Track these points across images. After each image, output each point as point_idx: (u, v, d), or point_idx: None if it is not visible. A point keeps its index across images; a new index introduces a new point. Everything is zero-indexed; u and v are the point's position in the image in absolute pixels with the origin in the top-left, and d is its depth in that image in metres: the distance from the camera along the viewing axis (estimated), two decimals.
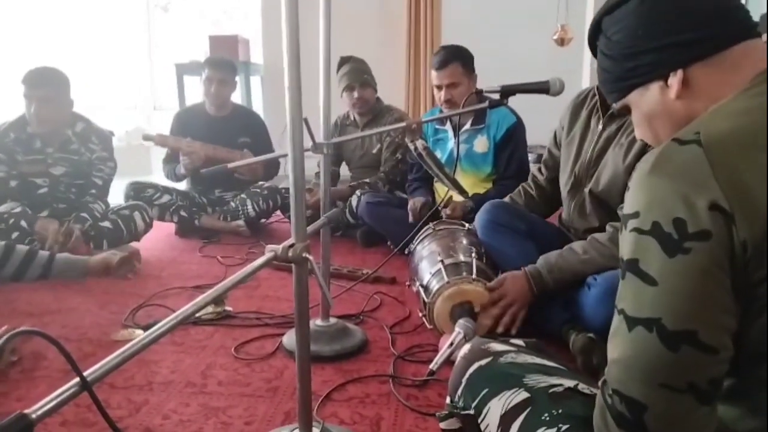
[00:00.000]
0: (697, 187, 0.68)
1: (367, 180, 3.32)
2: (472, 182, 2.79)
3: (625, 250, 0.74)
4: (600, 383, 0.78)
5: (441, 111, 2.80)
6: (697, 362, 0.69)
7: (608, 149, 1.84)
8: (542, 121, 3.01)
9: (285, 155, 1.22)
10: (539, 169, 2.22)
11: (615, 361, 0.74)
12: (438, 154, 2.82)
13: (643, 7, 0.83)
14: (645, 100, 0.86)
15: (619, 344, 0.74)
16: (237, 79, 3.57)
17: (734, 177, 0.68)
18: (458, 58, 2.70)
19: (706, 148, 0.70)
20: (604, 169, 1.85)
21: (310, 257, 1.12)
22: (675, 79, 0.81)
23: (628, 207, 0.75)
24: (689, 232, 0.68)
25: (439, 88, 2.72)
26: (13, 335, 0.66)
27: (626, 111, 0.92)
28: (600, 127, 1.88)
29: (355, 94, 3.27)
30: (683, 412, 0.70)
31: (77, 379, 0.75)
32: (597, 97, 1.90)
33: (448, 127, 2.89)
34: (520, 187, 2.27)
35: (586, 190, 1.91)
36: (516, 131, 2.76)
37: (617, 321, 0.75)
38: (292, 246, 1.12)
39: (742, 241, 0.67)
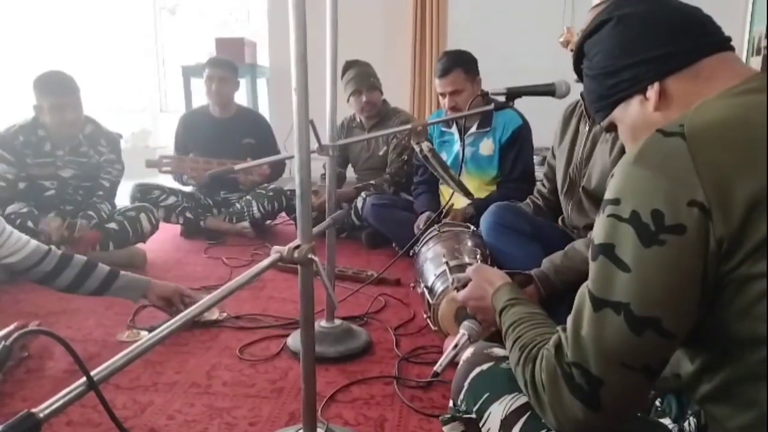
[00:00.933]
0: (678, 181, 0.71)
1: (373, 182, 3.32)
2: (477, 185, 2.79)
3: (600, 234, 0.77)
4: (552, 347, 0.81)
5: (446, 113, 2.81)
6: (656, 346, 0.74)
7: (596, 147, 1.89)
8: (549, 124, 3.00)
9: (291, 157, 1.22)
10: (542, 182, 2.24)
11: (579, 337, 0.77)
12: (443, 156, 2.83)
13: (618, 28, 0.88)
14: (627, 114, 0.90)
15: (585, 322, 0.77)
16: (239, 79, 3.58)
17: (715, 171, 0.70)
18: (460, 65, 2.70)
19: (689, 141, 0.72)
20: (594, 166, 1.89)
21: (316, 258, 1.13)
22: (652, 92, 0.85)
23: (609, 192, 0.77)
24: (666, 225, 0.71)
25: (443, 95, 2.74)
26: (22, 334, 0.67)
27: (613, 128, 0.96)
28: (587, 128, 1.92)
29: (363, 98, 3.27)
30: (635, 387, 0.77)
31: (84, 379, 0.75)
32: (583, 104, 1.94)
33: (454, 129, 2.89)
34: (528, 198, 2.28)
35: (580, 188, 1.93)
36: (521, 133, 2.76)
37: (583, 299, 0.78)
38: (297, 247, 1.12)
39: (718, 237, 0.69)
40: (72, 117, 2.70)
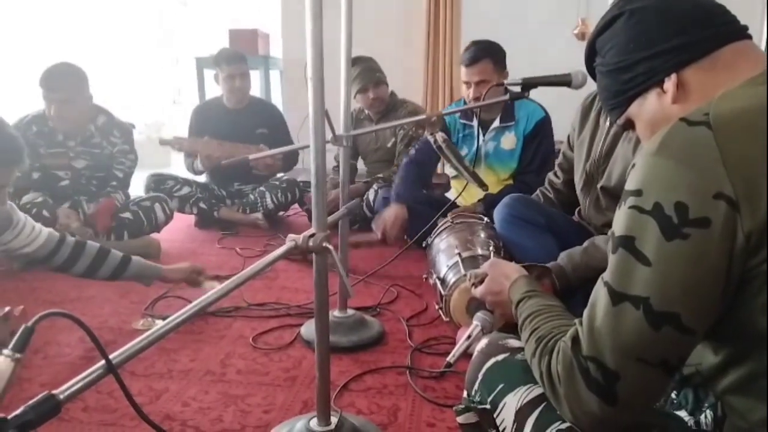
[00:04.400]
0: (704, 173, 0.69)
1: (381, 175, 3.32)
2: (494, 180, 2.76)
3: (621, 226, 0.76)
4: (569, 340, 0.79)
5: (464, 104, 2.79)
6: (675, 342, 0.73)
7: (617, 145, 1.84)
8: (564, 117, 2.97)
9: (306, 146, 1.22)
10: (555, 173, 2.21)
11: (595, 331, 0.76)
12: (464, 151, 2.80)
13: (630, 22, 0.87)
14: (644, 109, 0.88)
15: (601, 315, 0.76)
16: (253, 71, 3.60)
17: (743, 162, 0.68)
18: (489, 55, 2.64)
19: (715, 131, 0.70)
20: (614, 164, 1.84)
21: (331, 247, 1.13)
22: (670, 84, 0.83)
23: (630, 183, 0.76)
24: (689, 218, 0.69)
25: (468, 85, 2.67)
26: (42, 316, 0.67)
27: (630, 126, 0.94)
28: (607, 124, 1.88)
29: (371, 95, 3.27)
30: (652, 383, 0.75)
31: (102, 362, 0.76)
32: None
33: (474, 123, 2.84)
34: (538, 191, 2.26)
35: (599, 186, 1.90)
36: (544, 125, 2.74)
37: (600, 292, 0.77)
38: (312, 236, 1.13)
39: (746, 231, 0.67)
40: (54, 113, 2.69)
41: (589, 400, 0.76)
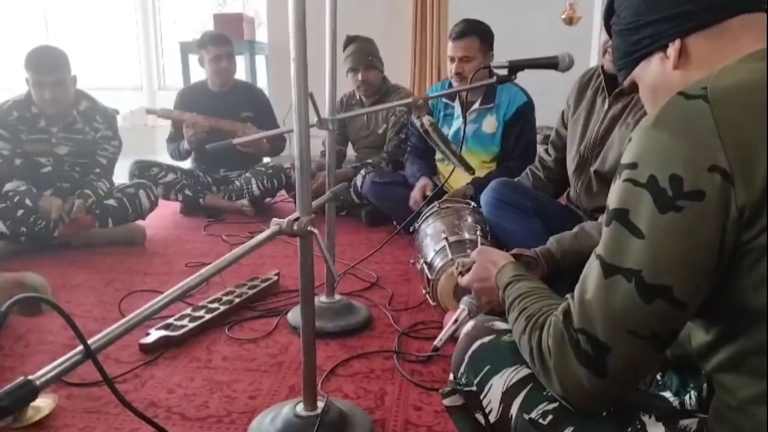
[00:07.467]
0: (699, 146, 0.68)
1: (370, 161, 3.31)
2: (477, 163, 2.75)
3: (615, 199, 0.75)
4: (561, 313, 0.80)
5: (450, 84, 2.77)
6: (666, 315, 0.72)
7: (614, 128, 1.82)
8: (551, 103, 2.97)
9: (291, 131, 1.21)
10: (546, 150, 2.19)
11: (586, 303, 0.76)
12: (445, 129, 2.79)
13: None
14: (648, 72, 0.88)
15: (592, 288, 0.76)
16: (238, 55, 3.55)
17: (739, 135, 0.67)
18: (477, 32, 2.65)
19: (712, 104, 0.69)
20: (610, 148, 1.82)
21: (316, 231, 1.12)
22: (672, 49, 0.83)
23: (626, 157, 0.75)
24: (684, 191, 0.68)
25: (452, 59, 2.67)
26: (16, 300, 0.66)
27: (635, 88, 0.94)
28: (606, 106, 1.85)
29: (359, 77, 3.25)
30: (642, 356, 0.75)
31: (80, 347, 0.75)
32: (602, 76, 1.87)
33: (456, 104, 2.84)
34: (527, 169, 2.24)
35: (592, 169, 1.89)
36: (526, 111, 2.72)
37: (593, 265, 0.77)
38: (297, 219, 1.11)
39: (740, 205, 0.67)
40: (50, 96, 2.65)
41: (579, 373, 0.76)
